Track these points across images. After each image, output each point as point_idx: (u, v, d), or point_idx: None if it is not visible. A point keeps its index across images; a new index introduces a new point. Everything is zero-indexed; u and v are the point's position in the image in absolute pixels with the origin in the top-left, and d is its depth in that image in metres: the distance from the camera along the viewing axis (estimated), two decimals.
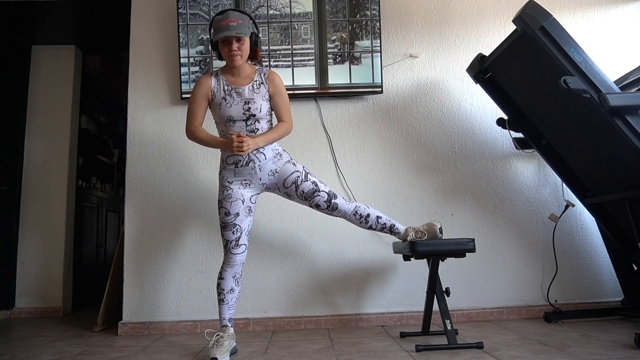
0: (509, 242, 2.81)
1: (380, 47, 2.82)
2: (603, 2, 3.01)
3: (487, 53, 2.57)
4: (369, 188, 2.83)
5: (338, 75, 2.81)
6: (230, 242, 2.12)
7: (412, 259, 2.26)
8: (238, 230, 2.12)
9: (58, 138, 3.72)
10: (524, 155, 2.88)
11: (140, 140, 2.84)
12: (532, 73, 2.31)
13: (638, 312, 2.52)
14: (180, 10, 2.80)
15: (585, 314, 2.60)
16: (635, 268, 2.61)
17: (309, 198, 2.18)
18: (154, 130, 2.85)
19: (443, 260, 2.23)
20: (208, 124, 2.28)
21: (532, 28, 2.05)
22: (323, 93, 2.82)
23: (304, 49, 2.82)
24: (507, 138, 2.85)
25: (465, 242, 2.11)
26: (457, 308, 2.69)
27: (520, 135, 2.68)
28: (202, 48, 2.81)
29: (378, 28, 2.82)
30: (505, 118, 2.67)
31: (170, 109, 2.86)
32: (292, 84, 2.78)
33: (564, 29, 2.03)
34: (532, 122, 2.57)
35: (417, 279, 2.74)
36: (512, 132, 2.71)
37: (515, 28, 2.19)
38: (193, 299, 2.71)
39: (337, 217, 2.24)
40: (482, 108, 2.91)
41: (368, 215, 2.22)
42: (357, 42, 2.82)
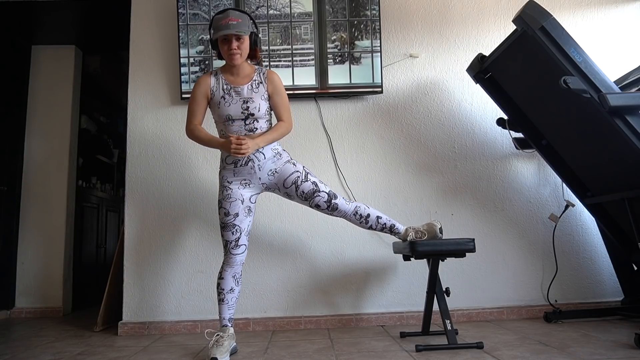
0: (509, 242, 2.82)
1: (380, 47, 2.82)
2: (603, 2, 3.01)
3: (487, 53, 2.57)
4: (369, 188, 2.83)
5: (338, 75, 2.81)
6: (230, 242, 2.12)
7: (412, 259, 2.26)
8: (238, 231, 2.12)
9: (58, 138, 3.72)
10: (524, 155, 2.88)
11: (140, 140, 2.84)
12: (532, 73, 2.31)
13: (638, 312, 2.52)
14: (180, 10, 2.81)
15: (585, 314, 2.61)
16: (635, 268, 2.61)
17: (309, 198, 2.18)
18: (154, 130, 2.85)
19: (443, 260, 2.23)
20: (208, 124, 2.28)
21: (532, 28, 2.05)
22: (323, 93, 2.82)
23: (304, 49, 2.82)
24: (507, 138, 2.85)
25: (465, 242, 2.11)
26: (457, 308, 2.69)
27: (520, 135, 2.68)
28: (202, 48, 2.81)
29: (378, 28, 2.82)
30: (505, 118, 2.67)
31: (170, 109, 2.86)
32: (292, 84, 2.79)
33: (564, 29, 2.03)
34: (532, 122, 2.57)
35: (417, 279, 2.75)
36: (512, 132, 2.71)
37: (515, 28, 2.19)
38: (193, 299, 2.71)
39: (337, 217, 2.24)
40: (482, 108, 2.91)
41: (368, 216, 2.22)
42: (357, 42, 2.82)
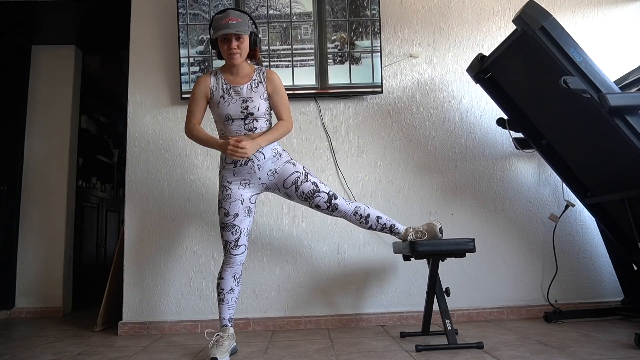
0: (509, 242, 2.82)
1: (380, 47, 2.82)
2: (603, 2, 3.01)
3: (487, 53, 2.57)
4: (369, 188, 2.83)
5: (338, 75, 2.81)
6: (230, 242, 2.12)
7: (412, 259, 2.26)
8: (237, 231, 2.12)
9: (58, 138, 3.72)
10: (524, 155, 2.88)
11: (140, 140, 2.84)
12: (532, 73, 2.31)
13: (638, 312, 2.52)
14: (180, 10, 2.81)
15: (585, 314, 2.60)
16: (635, 268, 2.61)
17: (309, 199, 2.18)
18: (154, 130, 2.85)
19: (443, 260, 2.23)
20: (208, 124, 2.29)
21: (532, 28, 2.05)
22: (323, 93, 2.82)
23: (304, 49, 2.82)
24: (507, 138, 2.85)
25: (465, 242, 2.11)
26: (457, 308, 2.69)
27: (520, 135, 2.68)
28: (202, 48, 2.81)
29: (378, 28, 2.82)
30: (505, 118, 2.67)
31: (170, 109, 2.86)
32: (292, 84, 2.78)
33: (564, 29, 2.03)
34: (532, 122, 2.57)
35: (417, 279, 2.74)
36: (512, 132, 2.71)
37: (515, 28, 2.19)
38: (193, 299, 2.71)
39: (337, 217, 2.24)
40: (482, 108, 2.91)
41: (368, 216, 2.22)
42: (357, 42, 2.82)
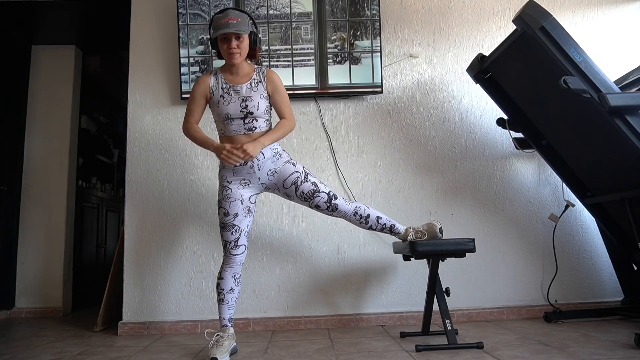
0: (509, 242, 2.81)
1: (380, 47, 2.82)
2: (603, 2, 3.00)
3: (487, 53, 2.57)
4: (369, 188, 2.83)
5: (338, 75, 2.81)
6: (230, 242, 2.12)
7: (412, 259, 2.26)
8: (237, 231, 2.12)
9: (58, 138, 3.72)
10: (524, 155, 2.88)
11: (140, 140, 2.84)
12: (532, 73, 2.31)
13: (638, 312, 2.52)
14: (180, 10, 2.80)
15: (585, 314, 2.60)
16: (635, 268, 2.61)
17: (309, 199, 2.18)
18: (154, 130, 2.85)
19: (443, 260, 2.23)
20: (208, 124, 2.28)
21: (532, 28, 2.05)
22: (323, 93, 2.82)
23: (304, 49, 2.82)
24: (507, 138, 2.85)
25: (465, 242, 2.11)
26: (457, 308, 2.69)
27: (520, 135, 2.68)
28: (202, 48, 2.81)
29: (378, 28, 2.82)
30: (505, 118, 2.67)
31: (170, 109, 2.86)
32: (292, 84, 2.78)
33: (564, 29, 2.03)
34: (532, 122, 2.57)
35: (417, 279, 2.74)
36: (512, 132, 2.71)
37: (515, 28, 2.19)
38: (193, 299, 2.71)
39: (337, 217, 2.24)
40: (482, 108, 2.91)
41: (368, 216, 2.22)
42: (357, 42, 2.82)
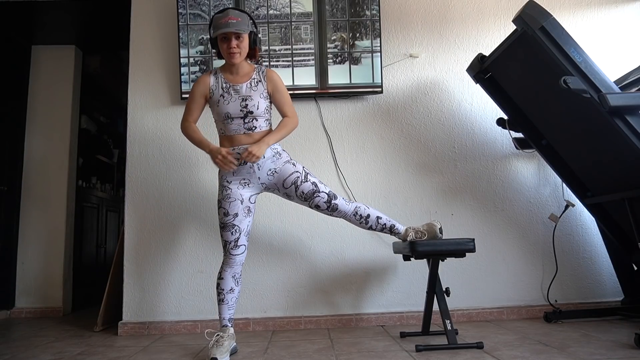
0: (509, 242, 2.81)
1: (380, 47, 2.82)
2: (603, 2, 3.00)
3: (487, 53, 2.57)
4: (369, 188, 2.83)
5: (338, 75, 2.81)
6: (230, 242, 2.12)
7: (412, 259, 2.26)
8: (237, 231, 2.12)
9: (58, 138, 3.72)
10: (524, 155, 2.88)
11: (140, 140, 2.84)
12: (532, 73, 2.31)
13: (638, 312, 2.52)
14: (180, 10, 2.80)
15: (585, 314, 2.60)
16: (635, 268, 2.61)
17: (309, 199, 2.18)
18: (154, 130, 2.85)
19: (443, 260, 2.23)
20: (209, 123, 2.28)
21: (532, 28, 2.05)
22: (323, 93, 2.82)
23: (304, 49, 2.82)
24: (507, 138, 2.85)
25: (465, 242, 2.11)
26: (457, 308, 2.69)
27: (520, 135, 2.68)
28: (202, 48, 2.81)
29: (378, 28, 2.82)
30: (505, 118, 2.67)
31: (170, 109, 2.86)
32: (292, 84, 2.78)
33: (564, 29, 2.03)
34: (532, 122, 2.57)
35: (417, 279, 2.74)
36: (512, 132, 2.71)
37: (515, 28, 2.19)
38: (193, 299, 2.71)
39: (337, 217, 2.24)
40: (482, 108, 2.91)
41: (368, 216, 2.22)
42: (357, 42, 2.82)
